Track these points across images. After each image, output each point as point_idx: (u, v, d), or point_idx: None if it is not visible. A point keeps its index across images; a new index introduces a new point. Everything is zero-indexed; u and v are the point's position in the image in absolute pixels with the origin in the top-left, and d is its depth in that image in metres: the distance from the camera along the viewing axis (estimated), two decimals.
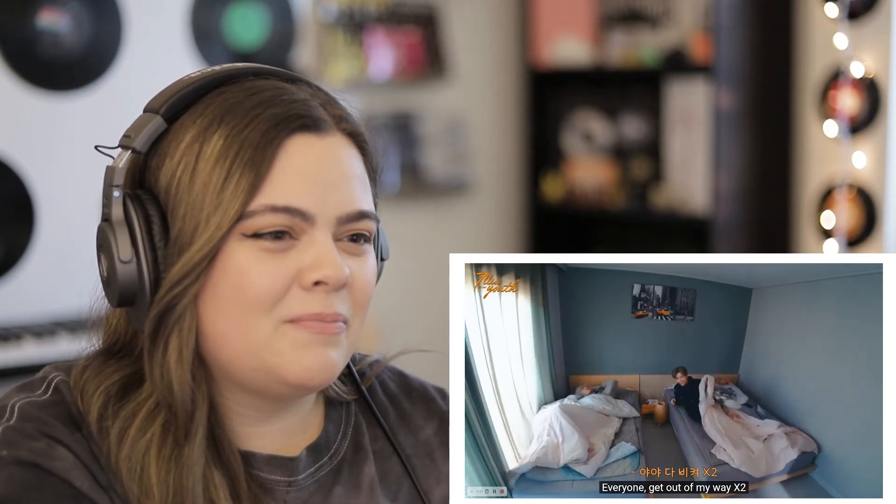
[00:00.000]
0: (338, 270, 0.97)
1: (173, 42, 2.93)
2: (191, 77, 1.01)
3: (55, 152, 2.75)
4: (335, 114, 1.03)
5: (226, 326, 0.98)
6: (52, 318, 2.70)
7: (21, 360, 2.46)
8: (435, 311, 2.33)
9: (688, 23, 3.54)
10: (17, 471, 0.94)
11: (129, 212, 0.98)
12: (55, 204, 2.75)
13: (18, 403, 0.98)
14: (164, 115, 0.99)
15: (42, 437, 0.95)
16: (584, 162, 3.81)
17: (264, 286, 0.96)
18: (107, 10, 2.82)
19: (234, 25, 3.06)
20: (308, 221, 0.97)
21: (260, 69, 1.04)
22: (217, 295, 0.97)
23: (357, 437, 1.11)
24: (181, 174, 0.98)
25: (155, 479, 0.96)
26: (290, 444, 1.07)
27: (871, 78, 3.19)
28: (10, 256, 2.70)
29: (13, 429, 0.96)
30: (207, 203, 0.96)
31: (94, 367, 1.01)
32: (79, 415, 0.98)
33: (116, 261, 0.97)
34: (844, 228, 3.24)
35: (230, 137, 0.97)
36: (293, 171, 0.97)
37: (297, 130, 0.98)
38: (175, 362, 0.97)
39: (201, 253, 0.96)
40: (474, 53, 3.79)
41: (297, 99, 1.00)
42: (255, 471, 1.03)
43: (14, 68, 2.69)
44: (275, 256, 0.97)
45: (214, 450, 1.00)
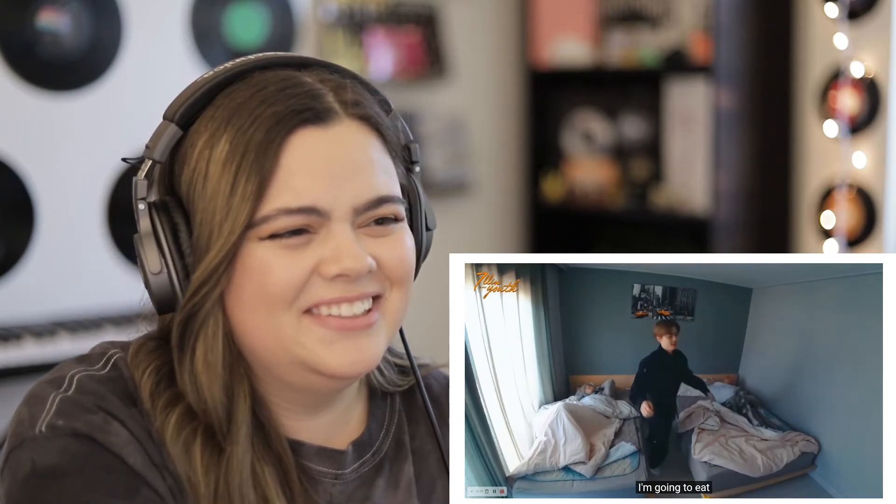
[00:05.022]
0: (358, 262, 0.97)
1: (173, 42, 2.93)
2: (203, 79, 1.01)
3: (55, 152, 2.75)
4: (345, 99, 1.01)
5: (255, 325, 0.98)
6: (52, 318, 2.70)
7: (21, 360, 2.46)
8: (435, 311, 2.33)
9: (688, 23, 3.54)
10: (73, 442, 0.94)
11: (155, 223, 0.98)
12: (55, 204, 2.75)
13: (78, 375, 0.98)
14: (179, 121, 0.99)
15: (99, 411, 0.96)
16: (584, 162, 3.81)
17: (284, 279, 0.97)
18: (107, 10, 2.82)
19: (234, 25, 3.06)
20: (324, 217, 0.97)
21: (267, 60, 1.03)
22: (243, 296, 0.98)
23: (399, 435, 1.12)
24: (196, 180, 0.98)
25: (202, 469, 0.97)
26: (335, 436, 1.07)
27: (871, 78, 3.18)
28: (10, 256, 2.70)
29: (71, 400, 0.96)
30: (219, 209, 0.96)
31: (149, 346, 1.02)
32: (135, 391, 0.99)
33: (148, 273, 0.98)
34: (844, 228, 3.24)
35: (235, 140, 0.97)
36: (301, 168, 0.97)
37: (300, 125, 0.98)
38: (202, 367, 0.98)
39: (217, 259, 0.96)
40: (474, 53, 3.79)
41: (302, 91, 0.99)
42: (303, 461, 1.04)
43: (14, 68, 2.69)
44: (294, 251, 0.97)
45: (263, 443, 1.00)
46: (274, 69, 1.02)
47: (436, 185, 3.67)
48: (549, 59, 3.79)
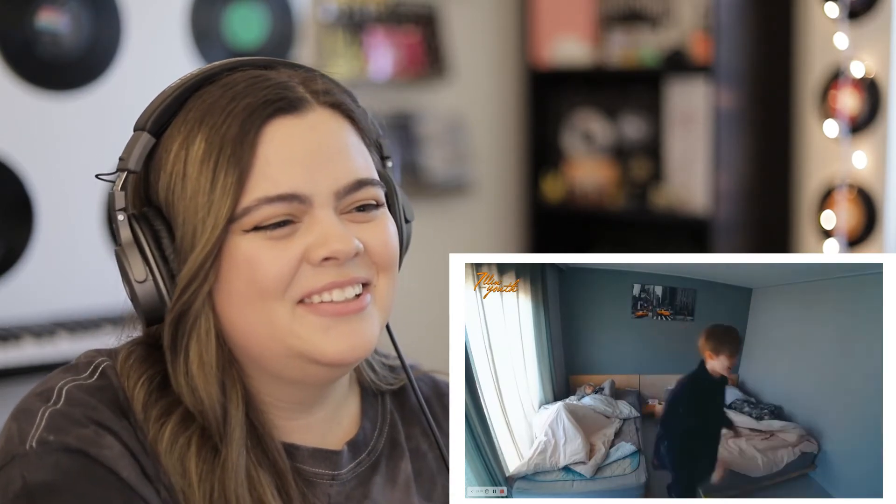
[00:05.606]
0: (346, 243, 0.97)
1: (173, 42, 2.93)
2: (171, 86, 1.01)
3: (55, 152, 2.75)
4: (315, 89, 1.02)
5: (248, 320, 0.98)
6: (51, 318, 2.70)
7: (21, 360, 2.46)
8: (435, 311, 2.33)
9: (688, 23, 3.54)
10: (65, 458, 0.93)
11: (136, 232, 0.98)
12: (55, 204, 2.74)
13: (66, 387, 0.98)
14: (151, 130, 1.00)
15: (90, 424, 0.95)
16: (584, 162, 3.81)
17: (274, 270, 0.96)
18: (106, 10, 2.82)
19: (234, 25, 3.06)
20: (306, 203, 0.97)
21: (234, 63, 1.03)
22: (233, 292, 0.98)
23: (393, 435, 1.12)
24: (174, 183, 0.98)
25: (196, 479, 0.96)
26: (330, 437, 1.07)
27: (871, 78, 3.18)
28: (10, 256, 2.70)
29: (61, 413, 0.95)
30: (201, 206, 0.96)
31: (138, 354, 1.01)
32: (125, 401, 0.98)
33: (134, 283, 0.98)
34: (844, 228, 3.24)
35: (210, 138, 0.97)
36: (278, 157, 0.97)
37: (274, 115, 0.98)
38: (197, 369, 0.98)
39: (203, 254, 0.96)
40: (474, 53, 3.79)
41: (273, 84, 1.00)
42: (299, 464, 1.04)
43: (13, 68, 2.69)
44: (280, 242, 0.97)
45: (258, 448, 1.00)
46: (241, 70, 1.02)
47: (436, 185, 3.67)
48: (549, 59, 3.79)
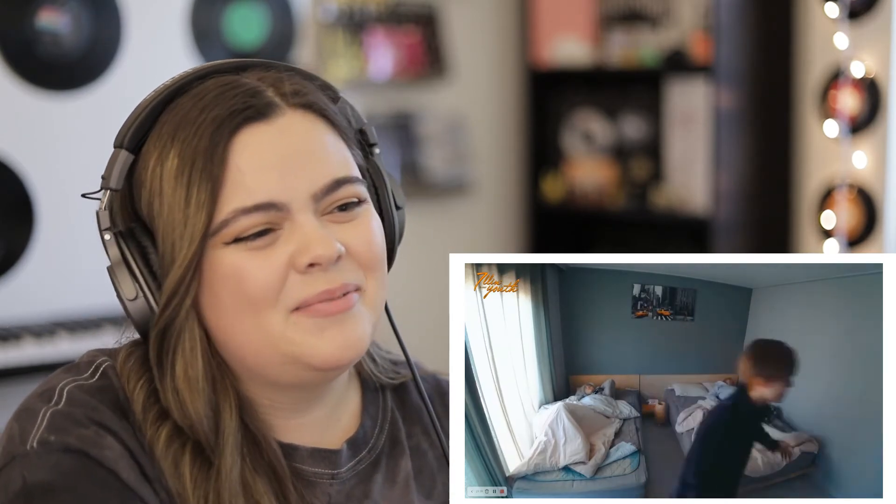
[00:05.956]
0: (327, 248, 0.96)
1: (173, 42, 2.93)
2: (145, 100, 1.01)
3: (55, 152, 2.75)
4: (284, 91, 1.01)
5: (240, 330, 0.98)
6: (51, 318, 2.70)
7: (21, 360, 2.46)
8: (435, 311, 2.33)
9: (688, 23, 3.54)
10: (65, 458, 0.93)
11: (123, 250, 0.99)
12: (55, 204, 2.74)
13: (68, 387, 0.98)
14: (129, 146, 1.00)
15: (91, 425, 0.95)
16: (584, 162, 3.81)
17: (261, 280, 0.96)
18: (106, 10, 2.82)
19: (234, 25, 3.06)
20: (284, 210, 0.97)
21: (205, 69, 1.03)
22: (221, 305, 0.98)
23: (394, 432, 1.11)
24: (153, 199, 0.98)
25: (191, 485, 0.96)
26: (328, 435, 1.07)
27: (872, 78, 3.18)
28: (10, 256, 2.70)
29: (62, 413, 0.95)
30: (177, 222, 0.96)
31: (138, 356, 1.01)
32: (126, 402, 0.98)
33: (125, 301, 0.98)
34: (844, 228, 3.24)
35: (182, 152, 0.97)
36: (250, 166, 0.96)
37: (243, 124, 0.97)
38: (184, 384, 0.97)
39: (181, 270, 0.96)
40: (474, 53, 3.79)
41: (241, 91, 0.99)
42: (298, 464, 1.03)
43: (14, 68, 2.69)
44: (262, 251, 0.96)
45: (256, 454, 1.00)
46: (213, 76, 1.02)
47: (436, 185, 3.67)
48: (549, 59, 3.79)
